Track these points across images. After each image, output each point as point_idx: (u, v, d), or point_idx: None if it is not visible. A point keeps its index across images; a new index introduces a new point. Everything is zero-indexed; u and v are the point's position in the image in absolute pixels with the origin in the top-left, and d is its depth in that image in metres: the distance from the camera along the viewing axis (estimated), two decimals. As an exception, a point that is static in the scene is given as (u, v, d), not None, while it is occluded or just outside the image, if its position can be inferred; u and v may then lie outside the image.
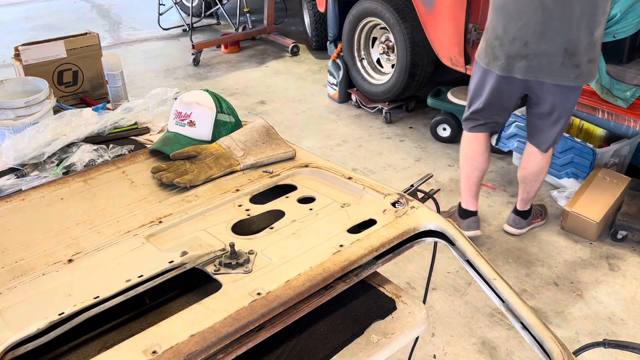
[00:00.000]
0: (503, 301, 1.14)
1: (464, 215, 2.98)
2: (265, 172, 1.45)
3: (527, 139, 2.83)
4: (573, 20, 2.37)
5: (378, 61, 4.38)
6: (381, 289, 1.29)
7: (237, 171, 1.45)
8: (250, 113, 4.46)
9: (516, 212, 3.03)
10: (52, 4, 7.52)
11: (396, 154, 3.89)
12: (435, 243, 1.34)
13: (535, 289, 2.69)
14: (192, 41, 5.53)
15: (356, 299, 1.26)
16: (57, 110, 2.09)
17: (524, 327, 1.10)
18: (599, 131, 3.42)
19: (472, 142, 2.85)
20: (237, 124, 1.62)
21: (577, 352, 1.29)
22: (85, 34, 2.52)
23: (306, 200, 1.34)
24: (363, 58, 4.40)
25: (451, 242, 1.22)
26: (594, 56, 2.47)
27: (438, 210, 1.41)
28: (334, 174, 1.42)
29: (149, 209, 1.32)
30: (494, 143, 3.68)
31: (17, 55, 2.39)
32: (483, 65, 2.64)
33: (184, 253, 1.14)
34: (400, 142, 4.04)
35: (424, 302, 1.51)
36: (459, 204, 3.03)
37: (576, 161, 3.24)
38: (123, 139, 1.82)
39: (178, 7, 6.18)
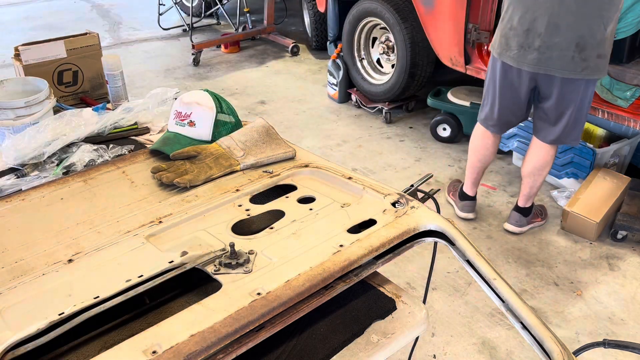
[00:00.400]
0: (503, 301, 1.14)
1: (462, 197, 3.20)
2: (265, 172, 1.45)
3: (533, 133, 2.86)
4: (587, 15, 2.41)
5: (378, 61, 4.37)
6: (381, 289, 1.29)
7: (237, 171, 1.45)
8: (250, 113, 4.46)
9: (517, 209, 3.04)
10: (52, 4, 7.52)
11: (396, 154, 3.89)
12: (435, 243, 1.34)
13: (535, 289, 2.69)
14: (192, 41, 5.53)
15: (356, 299, 1.26)
16: (57, 110, 2.09)
17: (524, 327, 1.10)
18: (599, 131, 3.43)
19: (483, 136, 2.97)
20: (237, 124, 1.62)
21: (577, 352, 1.29)
22: (85, 34, 2.52)
23: (306, 200, 1.34)
24: (363, 58, 4.40)
25: (451, 242, 1.22)
26: (603, 52, 2.50)
27: (438, 210, 1.41)
28: (334, 174, 1.42)
29: (149, 209, 1.32)
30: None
31: (17, 55, 2.39)
32: (495, 55, 2.70)
33: (184, 253, 1.14)
34: (400, 142, 4.04)
35: (424, 302, 1.51)
36: (462, 184, 3.21)
37: (576, 161, 3.24)
38: (123, 139, 1.82)
39: (178, 7, 6.18)
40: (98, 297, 1.02)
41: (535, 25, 2.50)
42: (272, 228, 1.23)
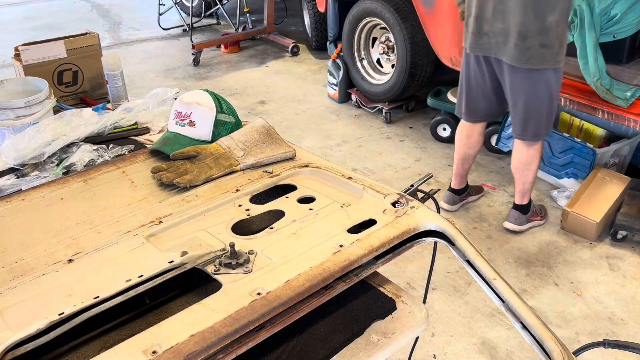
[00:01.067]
0: (503, 301, 1.14)
1: (448, 188, 3.25)
2: (265, 172, 1.45)
3: None
4: (527, 3, 2.49)
5: (378, 61, 4.37)
6: (381, 289, 1.29)
7: (237, 171, 1.45)
8: (250, 113, 4.46)
9: (515, 207, 3.05)
10: (52, 4, 7.52)
11: (396, 154, 3.89)
12: (435, 243, 1.34)
13: (535, 289, 2.69)
14: (192, 41, 5.53)
15: (356, 299, 1.26)
16: (57, 110, 2.09)
17: (524, 327, 1.10)
18: (599, 131, 3.42)
19: (461, 127, 3.11)
20: (237, 124, 1.62)
21: (577, 352, 1.29)
22: (85, 34, 2.52)
23: (306, 200, 1.34)
24: (363, 58, 4.40)
25: (451, 242, 1.22)
26: (548, 41, 2.53)
27: (438, 210, 1.41)
28: (334, 174, 1.42)
29: (149, 209, 1.31)
30: (494, 143, 3.69)
31: (17, 55, 2.39)
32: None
33: (184, 253, 1.14)
34: (400, 142, 4.04)
35: (424, 302, 1.51)
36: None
37: (576, 161, 3.24)
38: (123, 139, 1.82)
39: (178, 7, 6.18)
40: (98, 297, 1.02)
41: (483, 11, 2.61)
42: (272, 228, 1.23)
